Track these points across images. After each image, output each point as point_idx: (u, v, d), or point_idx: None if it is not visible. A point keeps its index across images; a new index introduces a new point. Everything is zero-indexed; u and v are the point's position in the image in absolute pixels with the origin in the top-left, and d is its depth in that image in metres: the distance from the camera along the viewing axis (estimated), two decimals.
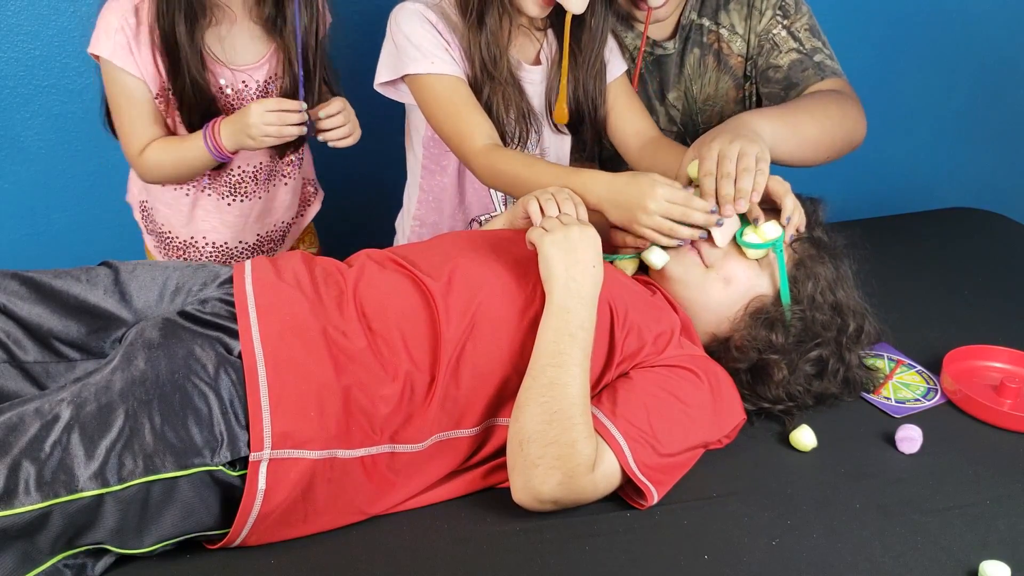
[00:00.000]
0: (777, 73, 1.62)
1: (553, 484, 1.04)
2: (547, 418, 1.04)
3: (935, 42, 2.47)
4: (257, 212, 1.59)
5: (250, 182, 1.55)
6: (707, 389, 1.16)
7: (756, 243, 1.25)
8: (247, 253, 1.62)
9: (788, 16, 1.63)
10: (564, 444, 1.03)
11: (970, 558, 1.06)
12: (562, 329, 1.09)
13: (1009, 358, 1.48)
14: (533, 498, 1.05)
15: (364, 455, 1.05)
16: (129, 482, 0.93)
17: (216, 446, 0.97)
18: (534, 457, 1.04)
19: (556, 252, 1.12)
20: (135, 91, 1.41)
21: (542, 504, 1.06)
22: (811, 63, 1.59)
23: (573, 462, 1.03)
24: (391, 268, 1.19)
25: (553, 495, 1.04)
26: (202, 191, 1.54)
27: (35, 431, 0.92)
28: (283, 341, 1.04)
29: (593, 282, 1.12)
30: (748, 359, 1.24)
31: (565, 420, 1.04)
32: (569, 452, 1.03)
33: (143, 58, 1.38)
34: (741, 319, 1.25)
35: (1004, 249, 1.98)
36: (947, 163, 2.70)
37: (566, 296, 1.10)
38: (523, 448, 1.05)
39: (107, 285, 1.14)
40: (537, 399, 1.06)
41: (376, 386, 1.06)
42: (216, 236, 1.58)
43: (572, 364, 1.07)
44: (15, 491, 0.89)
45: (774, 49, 1.62)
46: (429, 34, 1.41)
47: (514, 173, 1.36)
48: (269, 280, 1.12)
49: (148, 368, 0.98)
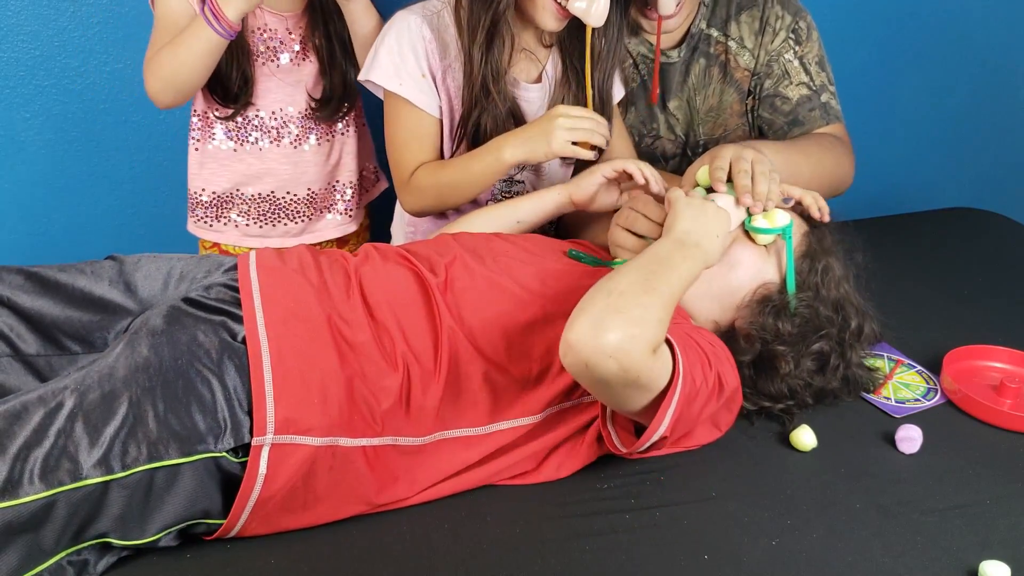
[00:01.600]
0: (784, 105, 1.66)
1: (624, 335, 0.96)
2: (646, 287, 1.02)
3: (935, 42, 2.47)
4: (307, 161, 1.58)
5: (291, 124, 1.55)
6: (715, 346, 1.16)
7: (766, 228, 1.25)
8: (298, 207, 1.61)
9: (800, 42, 1.66)
10: (651, 313, 0.99)
11: (970, 558, 1.06)
12: (674, 251, 1.11)
13: (1009, 358, 1.48)
14: (595, 338, 0.96)
15: (366, 445, 1.05)
16: (133, 469, 0.93)
17: (220, 433, 0.97)
18: (620, 305, 0.99)
19: (688, 210, 1.17)
20: (177, 9, 1.40)
21: (598, 350, 0.96)
22: (818, 103, 1.65)
23: (650, 331, 0.99)
24: (395, 260, 1.20)
25: (619, 344, 0.96)
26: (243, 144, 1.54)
27: (39, 420, 0.92)
28: (287, 327, 1.05)
29: (711, 246, 1.15)
30: (753, 350, 1.23)
31: (659, 298, 1.02)
32: (652, 320, 0.99)
33: None
34: (747, 306, 1.24)
35: (1004, 249, 1.98)
36: (947, 163, 2.70)
37: (685, 238, 1.13)
38: (611, 295, 1.00)
39: (112, 276, 1.15)
40: (640, 272, 1.04)
41: (378, 377, 1.06)
42: (263, 187, 1.58)
43: (676, 271, 1.07)
44: (20, 481, 0.89)
45: (784, 78, 1.66)
46: (412, 55, 1.41)
47: (435, 180, 1.43)
48: (274, 266, 1.13)
49: (151, 354, 0.99)
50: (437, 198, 1.45)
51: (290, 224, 1.62)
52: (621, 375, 0.97)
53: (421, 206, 1.47)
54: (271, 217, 1.60)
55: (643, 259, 1.09)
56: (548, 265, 1.24)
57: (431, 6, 1.45)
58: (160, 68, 1.39)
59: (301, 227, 1.63)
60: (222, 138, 1.54)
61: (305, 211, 1.61)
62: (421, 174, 1.45)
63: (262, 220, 1.60)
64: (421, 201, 1.46)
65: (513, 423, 1.13)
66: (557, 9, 1.37)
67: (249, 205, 1.58)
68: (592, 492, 1.14)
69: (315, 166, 1.59)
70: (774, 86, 1.67)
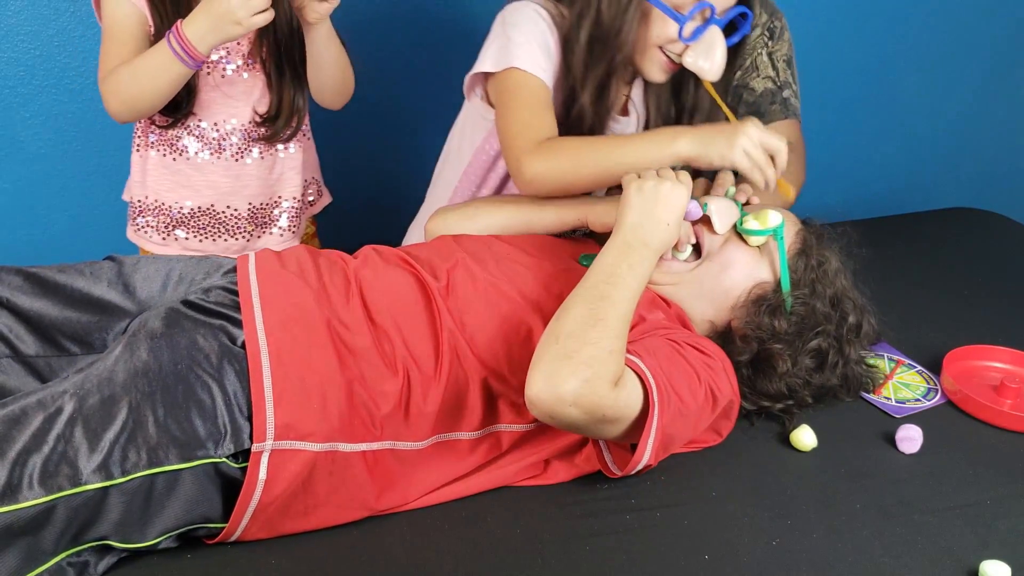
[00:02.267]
0: (749, 96, 1.70)
1: (580, 380, 0.99)
2: (591, 322, 1.03)
3: (935, 42, 2.47)
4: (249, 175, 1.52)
5: (233, 137, 1.49)
6: (707, 359, 1.15)
7: (757, 229, 1.25)
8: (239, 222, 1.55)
9: (773, 38, 1.70)
10: (601, 348, 1.01)
11: (970, 558, 1.06)
12: (620, 259, 1.10)
13: (1009, 358, 1.48)
14: (553, 389, 0.99)
15: (366, 450, 1.05)
16: (133, 475, 0.93)
17: (220, 438, 0.97)
18: (568, 350, 1.00)
19: (637, 199, 1.15)
20: (126, 18, 1.35)
21: (558, 400, 0.99)
22: (780, 98, 1.70)
23: (605, 367, 1.00)
24: (395, 263, 1.19)
25: (575, 391, 0.99)
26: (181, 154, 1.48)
27: (38, 424, 0.92)
28: (287, 331, 1.04)
29: (661, 239, 1.14)
30: (750, 349, 1.23)
31: (608, 330, 1.03)
32: (604, 357, 1.01)
33: None
34: (743, 306, 1.24)
35: (1004, 249, 1.98)
36: (947, 163, 2.70)
37: (632, 237, 1.12)
38: (559, 341, 1.02)
39: (111, 278, 1.14)
40: (586, 304, 1.05)
41: (378, 381, 1.06)
42: (202, 200, 1.51)
43: (624, 288, 1.08)
44: (19, 486, 0.89)
45: (753, 70, 1.70)
46: (544, 41, 1.36)
47: (577, 150, 1.28)
48: (273, 269, 1.13)
49: (151, 359, 0.98)
50: (572, 170, 1.29)
51: (231, 240, 1.55)
52: (588, 417, 1.01)
53: (545, 173, 1.28)
54: (211, 232, 1.54)
55: (588, 283, 1.08)
56: (553, 270, 1.23)
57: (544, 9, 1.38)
58: (121, 91, 1.35)
59: (242, 244, 1.56)
60: (163, 147, 1.49)
61: (246, 227, 1.55)
62: (560, 141, 1.31)
63: (202, 235, 1.54)
64: (549, 168, 1.28)
65: (506, 427, 1.12)
66: (667, 63, 1.36)
67: (188, 219, 1.53)
68: (592, 492, 1.14)
69: (257, 180, 1.52)
70: (742, 77, 1.70)
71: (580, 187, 1.33)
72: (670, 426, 1.06)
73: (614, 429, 1.05)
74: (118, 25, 1.36)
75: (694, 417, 1.12)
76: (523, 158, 1.29)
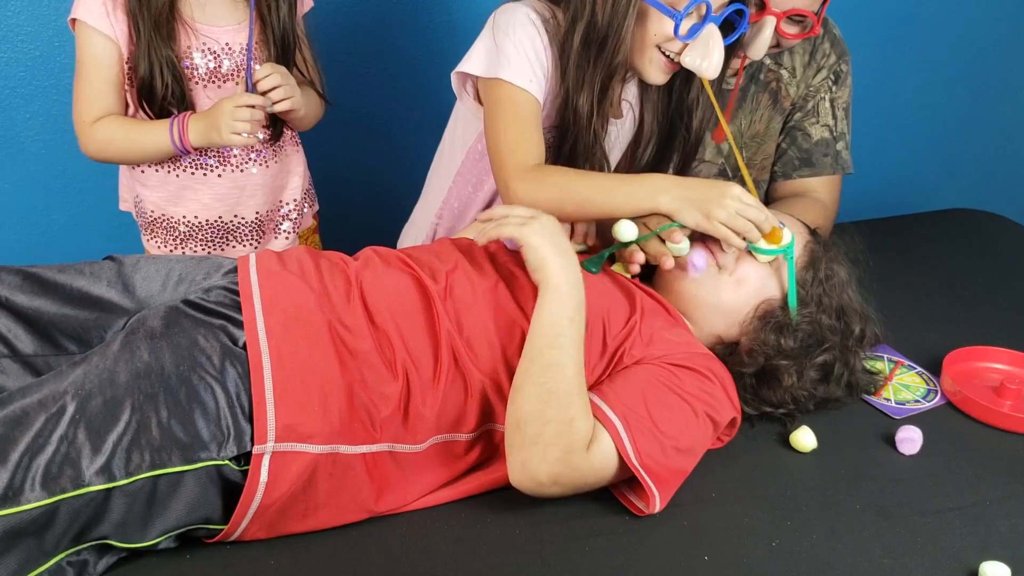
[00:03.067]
0: (805, 142, 1.72)
1: (551, 461, 1.03)
2: (545, 398, 1.05)
3: (935, 42, 2.47)
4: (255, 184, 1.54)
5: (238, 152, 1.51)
6: (705, 383, 1.15)
7: (767, 249, 1.25)
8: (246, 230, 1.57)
9: (838, 83, 1.71)
10: (561, 422, 1.03)
11: (970, 558, 1.06)
12: (559, 312, 1.10)
13: (1009, 359, 1.48)
14: (531, 477, 1.04)
15: (366, 452, 1.05)
16: (135, 476, 0.93)
17: (222, 440, 0.97)
18: (531, 435, 1.04)
19: (543, 240, 1.14)
20: (104, 53, 1.37)
21: (540, 484, 1.05)
22: (833, 150, 1.71)
23: (571, 439, 1.03)
24: (396, 265, 1.19)
25: (551, 472, 1.03)
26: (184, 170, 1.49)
27: (40, 425, 0.92)
28: (288, 332, 1.04)
29: (577, 266, 1.14)
30: (756, 364, 1.24)
31: (563, 399, 1.05)
32: (567, 429, 1.03)
33: (118, 19, 1.36)
34: (750, 322, 1.25)
35: (1004, 250, 1.98)
36: (947, 163, 2.70)
37: (562, 279, 1.11)
38: (520, 428, 1.05)
39: (110, 277, 1.14)
40: (535, 380, 1.06)
41: (378, 384, 1.06)
42: (209, 213, 1.53)
43: (569, 346, 1.08)
44: (21, 488, 0.89)
45: (814, 115, 1.71)
46: (533, 50, 1.34)
47: (567, 183, 1.28)
48: (274, 269, 1.13)
49: (152, 360, 0.98)
50: (557, 201, 1.27)
51: (238, 247, 1.58)
52: (571, 486, 1.06)
53: (532, 204, 1.25)
54: (220, 242, 1.56)
55: (532, 352, 1.08)
56: None
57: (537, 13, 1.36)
58: (108, 150, 1.43)
59: (250, 251, 1.57)
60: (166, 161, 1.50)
61: (254, 234, 1.58)
62: (548, 172, 1.31)
63: (211, 246, 1.56)
64: (534, 200, 1.26)
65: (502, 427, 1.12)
66: (666, 63, 1.35)
67: (197, 231, 1.54)
68: (592, 493, 1.13)
69: (262, 188, 1.55)
70: (802, 120, 1.71)
71: (562, 219, 1.31)
72: (663, 467, 1.07)
73: (600, 483, 1.09)
74: (97, 62, 1.39)
75: (693, 445, 1.13)
76: (511, 183, 1.30)
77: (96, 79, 1.40)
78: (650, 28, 1.32)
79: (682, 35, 1.30)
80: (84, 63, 1.40)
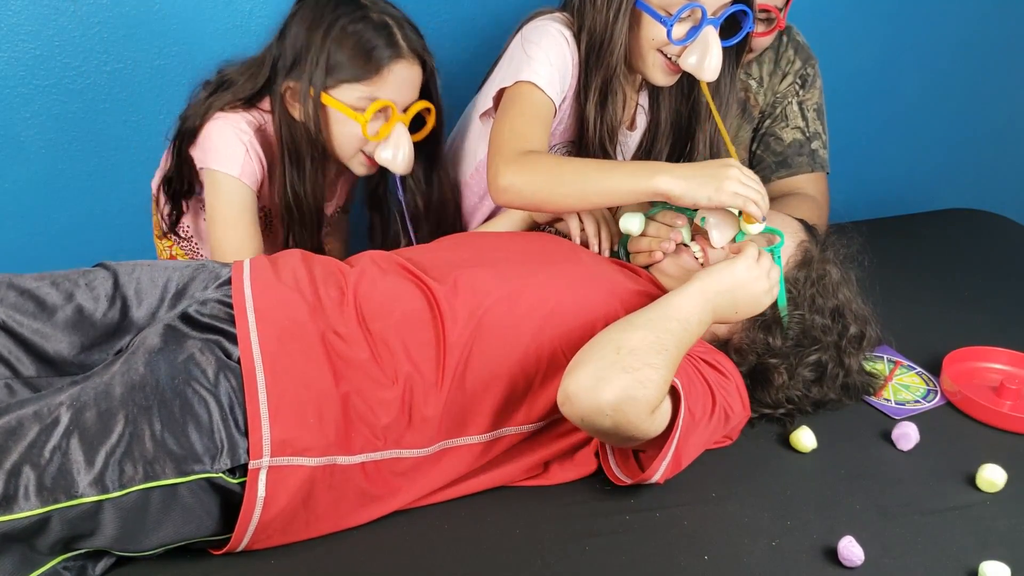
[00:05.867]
0: (777, 145, 1.74)
1: (625, 398, 0.99)
2: (658, 348, 1.03)
3: (935, 42, 2.47)
4: None
5: None
6: (721, 379, 1.16)
7: (764, 228, 1.25)
8: None
9: (804, 86, 1.72)
10: (658, 374, 1.01)
11: (970, 558, 1.06)
12: (696, 311, 1.11)
13: (1009, 359, 1.48)
14: (594, 395, 0.99)
15: (366, 460, 1.04)
16: (128, 488, 0.92)
17: (216, 453, 0.96)
18: (630, 363, 1.00)
19: (747, 274, 1.16)
20: (248, 201, 1.42)
21: (596, 405, 0.99)
22: (808, 149, 1.74)
23: (651, 392, 1.00)
24: (394, 271, 1.18)
25: (616, 406, 0.99)
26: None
27: (34, 435, 0.92)
28: (282, 346, 1.04)
29: (747, 311, 1.18)
30: (747, 362, 1.24)
31: (668, 360, 1.03)
32: (655, 382, 1.01)
33: (257, 166, 1.41)
34: (739, 321, 1.25)
35: (1004, 250, 1.98)
36: (947, 163, 2.70)
37: (718, 302, 1.13)
38: (620, 351, 1.01)
39: (107, 292, 1.13)
40: (655, 330, 1.05)
41: (376, 391, 1.05)
42: None
43: (690, 335, 1.09)
44: (15, 497, 0.89)
45: (783, 119, 1.73)
46: (560, 60, 1.36)
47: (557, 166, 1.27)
48: (268, 281, 1.12)
49: (148, 373, 0.98)
50: (547, 187, 1.25)
51: None
52: (616, 431, 1.02)
53: (520, 186, 1.25)
54: None
55: (661, 313, 1.08)
56: (556, 268, 1.22)
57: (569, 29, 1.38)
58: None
59: None
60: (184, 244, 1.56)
61: None
62: (542, 155, 1.29)
63: None
64: (526, 182, 1.25)
65: (514, 430, 1.12)
66: (668, 65, 1.35)
67: None
68: (592, 492, 1.14)
69: None
70: (772, 125, 1.73)
71: (553, 206, 1.31)
72: (683, 447, 1.08)
73: (632, 443, 1.07)
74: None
75: (706, 436, 1.14)
76: (501, 166, 1.26)
77: (246, 221, 1.42)
78: (647, 32, 1.33)
79: (677, 39, 1.30)
80: (230, 210, 1.42)
